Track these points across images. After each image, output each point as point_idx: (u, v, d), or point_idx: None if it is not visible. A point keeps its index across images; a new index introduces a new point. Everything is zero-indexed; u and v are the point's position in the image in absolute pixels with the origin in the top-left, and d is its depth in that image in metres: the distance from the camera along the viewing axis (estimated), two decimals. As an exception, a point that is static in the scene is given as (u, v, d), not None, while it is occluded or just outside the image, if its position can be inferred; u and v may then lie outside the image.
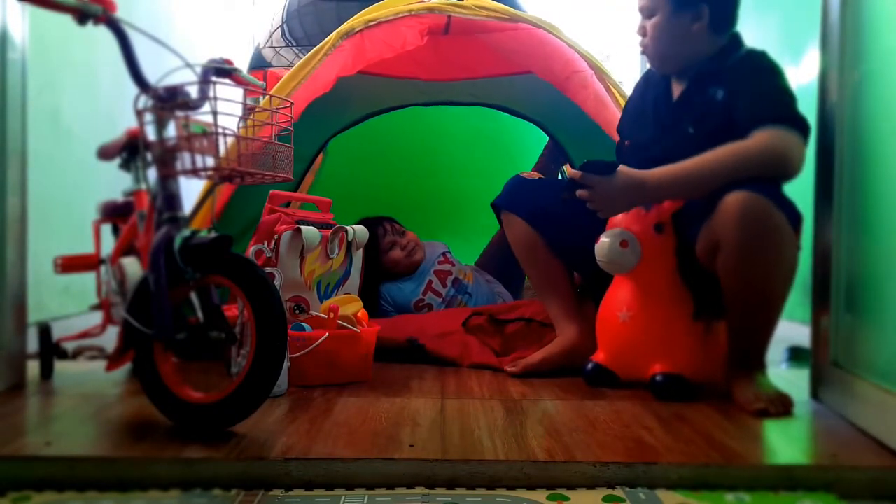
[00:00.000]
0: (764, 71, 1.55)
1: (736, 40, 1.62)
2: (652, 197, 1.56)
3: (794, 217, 1.46)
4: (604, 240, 1.59)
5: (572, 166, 2.52)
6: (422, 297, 2.37)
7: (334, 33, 2.08)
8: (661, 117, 1.69)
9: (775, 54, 1.58)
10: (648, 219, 1.58)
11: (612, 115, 2.04)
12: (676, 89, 1.68)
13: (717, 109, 1.56)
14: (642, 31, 1.66)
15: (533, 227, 1.81)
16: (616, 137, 1.95)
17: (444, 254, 2.50)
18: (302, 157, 2.18)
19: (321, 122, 2.32)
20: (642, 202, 1.58)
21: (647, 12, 1.64)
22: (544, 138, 2.76)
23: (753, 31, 1.63)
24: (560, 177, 2.72)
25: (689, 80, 1.64)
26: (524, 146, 2.87)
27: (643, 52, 1.68)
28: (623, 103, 2.08)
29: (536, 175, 1.89)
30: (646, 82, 1.79)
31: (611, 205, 1.58)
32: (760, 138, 1.46)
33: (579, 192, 1.56)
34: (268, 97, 1.49)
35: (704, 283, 1.55)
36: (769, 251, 1.43)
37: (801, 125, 1.48)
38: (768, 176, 1.45)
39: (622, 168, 1.54)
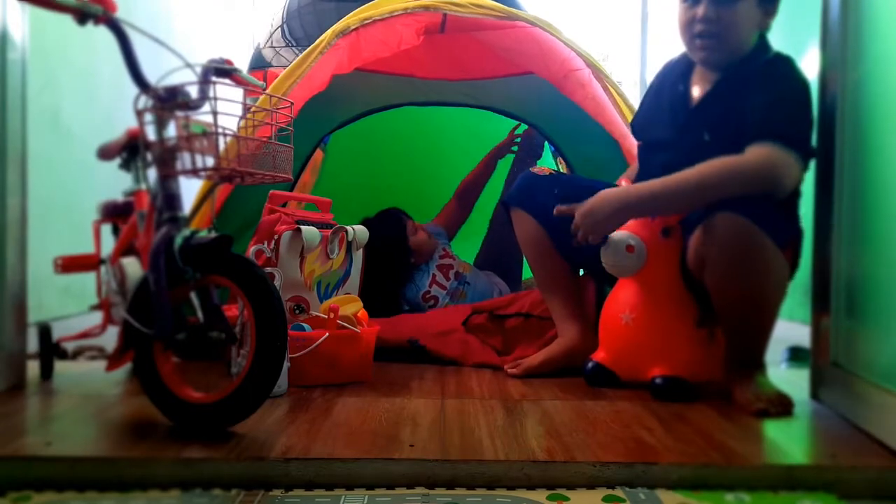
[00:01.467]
0: (785, 83, 1.50)
1: (764, 41, 1.57)
2: (639, 214, 1.56)
3: (782, 236, 1.44)
4: (610, 243, 1.59)
5: (567, 163, 2.52)
6: (428, 289, 2.45)
7: (330, 31, 2.07)
8: (677, 119, 1.64)
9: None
10: (656, 223, 1.58)
11: (611, 114, 2.03)
12: (697, 91, 1.62)
13: (735, 117, 1.50)
14: (712, 17, 1.52)
15: (541, 224, 1.79)
16: (615, 137, 1.94)
17: (444, 248, 2.56)
18: (297, 156, 2.18)
19: (316, 120, 2.31)
20: (632, 217, 1.57)
21: None
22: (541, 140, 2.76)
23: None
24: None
25: (714, 82, 1.58)
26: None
27: (705, 41, 1.55)
28: (622, 103, 2.07)
29: (547, 170, 1.85)
30: (661, 81, 1.73)
31: (599, 229, 1.56)
32: (756, 154, 1.42)
33: (572, 228, 1.57)
34: (266, 96, 1.49)
35: (705, 288, 1.53)
36: (755, 267, 1.42)
37: (803, 148, 1.45)
38: (757, 192, 1.41)
39: (602, 192, 1.53)
